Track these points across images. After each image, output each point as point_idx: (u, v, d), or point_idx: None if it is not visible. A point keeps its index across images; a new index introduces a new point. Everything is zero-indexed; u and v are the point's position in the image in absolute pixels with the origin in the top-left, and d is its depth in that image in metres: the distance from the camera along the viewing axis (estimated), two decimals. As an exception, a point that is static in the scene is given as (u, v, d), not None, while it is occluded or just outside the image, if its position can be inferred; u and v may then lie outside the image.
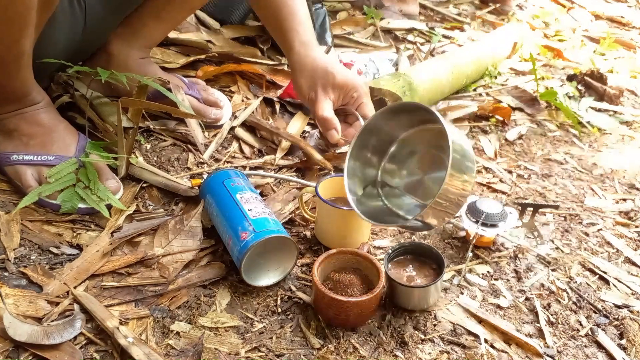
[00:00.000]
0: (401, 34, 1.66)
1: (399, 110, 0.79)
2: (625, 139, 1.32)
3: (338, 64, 0.86)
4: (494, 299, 0.82)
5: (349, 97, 0.82)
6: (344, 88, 0.82)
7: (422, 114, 0.77)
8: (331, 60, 0.85)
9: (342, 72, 0.83)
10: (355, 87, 0.82)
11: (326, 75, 0.83)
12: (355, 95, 0.82)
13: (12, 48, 0.76)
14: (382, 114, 0.79)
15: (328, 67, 0.84)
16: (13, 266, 0.76)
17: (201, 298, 0.76)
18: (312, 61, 0.85)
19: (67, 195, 0.83)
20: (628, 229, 1.01)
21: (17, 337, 0.65)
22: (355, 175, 0.82)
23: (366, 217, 0.76)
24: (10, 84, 0.81)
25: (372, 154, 0.84)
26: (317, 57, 0.85)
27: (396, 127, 0.82)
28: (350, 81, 0.82)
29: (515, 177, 1.12)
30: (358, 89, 0.82)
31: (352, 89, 0.82)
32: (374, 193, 0.84)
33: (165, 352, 0.68)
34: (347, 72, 0.84)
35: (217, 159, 1.04)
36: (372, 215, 0.77)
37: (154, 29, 1.04)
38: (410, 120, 0.81)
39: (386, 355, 0.71)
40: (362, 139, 0.81)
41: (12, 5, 0.70)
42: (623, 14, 2.13)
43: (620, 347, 0.77)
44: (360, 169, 0.83)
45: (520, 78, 1.52)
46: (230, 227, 0.78)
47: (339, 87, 0.82)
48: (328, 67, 0.83)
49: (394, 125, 0.81)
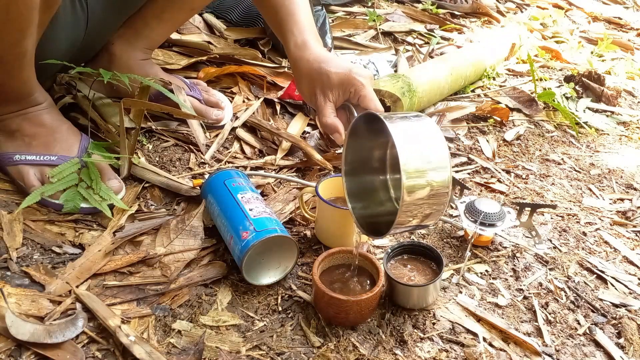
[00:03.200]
0: (400, 36, 1.67)
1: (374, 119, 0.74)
2: (622, 140, 1.33)
3: (332, 59, 0.82)
4: (493, 297, 0.83)
5: (347, 92, 0.80)
6: (340, 87, 0.80)
7: None
8: (325, 58, 0.82)
9: (336, 70, 0.80)
10: (351, 81, 0.78)
11: (321, 77, 0.81)
12: (352, 90, 0.80)
13: (14, 48, 0.76)
14: (364, 116, 0.75)
15: (322, 67, 0.81)
16: (15, 265, 0.76)
17: (202, 297, 0.77)
18: (307, 64, 0.83)
19: (69, 195, 0.84)
20: (625, 228, 1.02)
21: (20, 336, 0.65)
22: (355, 178, 0.79)
23: (360, 223, 0.74)
24: (13, 83, 0.82)
25: (369, 157, 0.81)
26: (310, 58, 0.83)
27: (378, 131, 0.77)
28: (346, 77, 0.79)
29: (514, 177, 1.13)
30: (355, 83, 0.79)
31: (348, 85, 0.79)
32: (379, 197, 0.81)
33: (167, 351, 0.69)
34: (341, 67, 0.80)
35: (218, 159, 1.05)
36: (368, 219, 0.75)
37: (156, 29, 1.04)
38: None
39: (386, 354, 0.72)
40: (351, 144, 0.78)
41: (14, 5, 0.70)
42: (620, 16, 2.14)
43: (618, 345, 0.78)
44: (359, 172, 0.80)
45: (518, 79, 1.53)
46: (232, 227, 0.79)
47: (336, 86, 0.81)
48: (322, 68, 0.81)
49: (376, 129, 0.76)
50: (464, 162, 1.15)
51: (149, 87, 0.92)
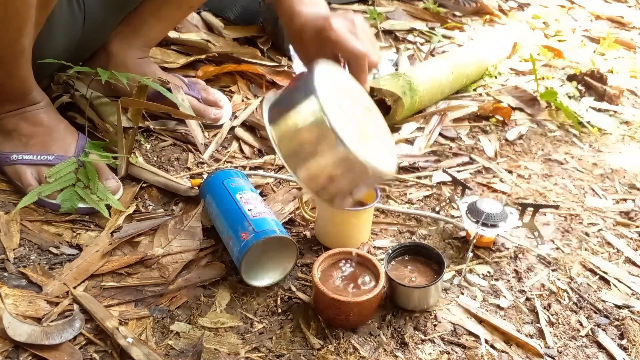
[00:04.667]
0: (401, 34, 1.66)
1: None
2: (625, 139, 1.32)
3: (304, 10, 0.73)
4: (495, 299, 0.82)
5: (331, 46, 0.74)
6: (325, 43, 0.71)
7: None
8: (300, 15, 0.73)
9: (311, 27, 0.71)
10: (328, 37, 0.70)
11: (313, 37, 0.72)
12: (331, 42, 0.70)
13: (12, 46, 0.75)
14: None
15: (305, 29, 0.72)
16: (12, 266, 0.76)
17: (201, 298, 0.76)
18: (298, 28, 0.74)
19: (66, 195, 0.83)
20: (628, 229, 1.01)
21: (17, 337, 0.65)
22: None
23: None
24: (10, 82, 0.81)
25: None
26: (295, 21, 0.74)
27: None
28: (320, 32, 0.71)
29: (516, 177, 1.12)
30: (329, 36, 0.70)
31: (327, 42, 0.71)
32: None
33: (165, 353, 0.68)
34: (313, 21, 0.71)
35: (217, 159, 1.04)
36: None
37: (154, 27, 1.04)
38: None
39: (386, 356, 0.71)
40: None
41: (12, 4, 0.70)
42: (623, 14, 2.13)
43: (620, 347, 0.77)
44: None
45: (520, 78, 1.52)
46: (230, 227, 0.78)
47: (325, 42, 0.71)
48: (305, 30, 0.72)
49: None
50: (466, 161, 1.14)
51: (146, 87, 0.91)
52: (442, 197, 1.02)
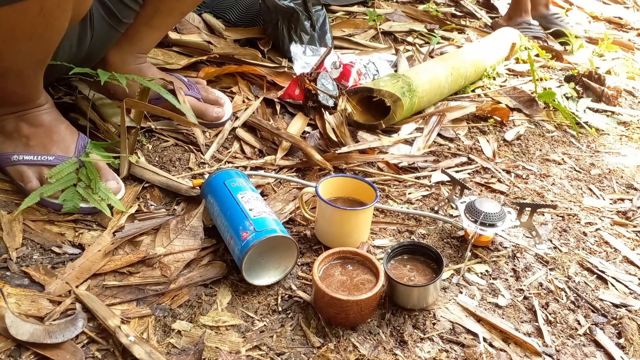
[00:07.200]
0: (400, 36, 1.67)
1: None
2: (622, 140, 1.33)
3: None
4: (493, 298, 0.83)
5: None
6: None
7: None
8: None
9: None
10: None
11: None
12: None
13: (36, 64, 0.79)
14: None
15: None
16: (15, 265, 0.76)
17: (202, 297, 0.76)
18: None
19: (68, 195, 0.83)
20: (626, 228, 1.01)
21: (19, 336, 0.65)
22: None
23: None
24: (25, 92, 0.84)
25: None
26: None
27: None
28: None
29: (514, 177, 1.12)
30: None
31: None
32: None
33: (167, 351, 0.69)
34: None
35: (218, 159, 1.05)
36: None
37: (148, 35, 1.05)
38: None
39: (386, 354, 0.72)
40: None
41: (48, 32, 0.74)
42: (621, 16, 2.14)
43: (618, 346, 0.78)
44: None
45: (518, 79, 1.53)
46: (232, 227, 0.79)
47: None
48: None
49: None
50: (464, 162, 1.15)
51: (149, 89, 0.92)
52: (441, 197, 1.02)
